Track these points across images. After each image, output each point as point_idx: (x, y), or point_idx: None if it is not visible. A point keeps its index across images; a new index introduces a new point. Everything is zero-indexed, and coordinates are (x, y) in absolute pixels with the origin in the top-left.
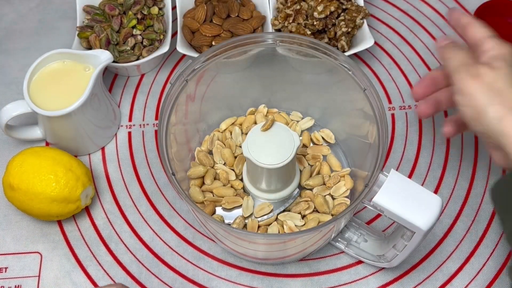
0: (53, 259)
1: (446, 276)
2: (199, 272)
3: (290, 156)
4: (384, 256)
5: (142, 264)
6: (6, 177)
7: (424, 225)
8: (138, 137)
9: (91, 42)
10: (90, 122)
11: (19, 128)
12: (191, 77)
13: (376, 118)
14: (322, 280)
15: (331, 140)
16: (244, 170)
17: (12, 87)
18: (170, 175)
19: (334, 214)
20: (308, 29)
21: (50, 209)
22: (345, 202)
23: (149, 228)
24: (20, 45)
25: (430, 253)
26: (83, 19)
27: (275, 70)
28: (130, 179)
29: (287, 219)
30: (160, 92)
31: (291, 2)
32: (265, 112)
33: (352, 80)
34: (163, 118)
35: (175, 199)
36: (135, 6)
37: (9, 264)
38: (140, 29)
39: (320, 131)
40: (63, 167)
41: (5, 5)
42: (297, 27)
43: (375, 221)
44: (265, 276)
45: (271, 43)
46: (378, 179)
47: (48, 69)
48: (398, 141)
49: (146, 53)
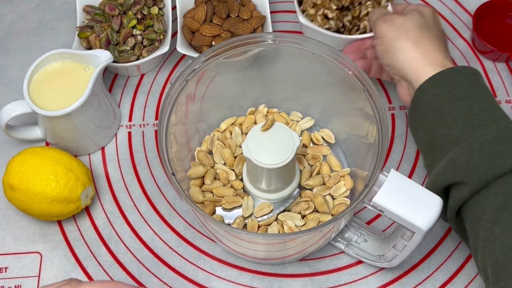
0: (53, 259)
1: (446, 276)
2: (199, 272)
3: (290, 156)
4: (384, 256)
5: (142, 264)
6: (6, 177)
7: (424, 225)
8: (138, 137)
9: (91, 42)
10: (90, 122)
11: (19, 128)
12: (191, 77)
13: (376, 118)
14: (322, 280)
15: (331, 140)
16: (244, 170)
17: (12, 87)
18: (170, 175)
19: (334, 214)
20: (333, 3)
21: (50, 209)
22: (345, 202)
23: (149, 228)
24: (20, 45)
25: (430, 253)
26: (83, 19)
27: (275, 70)
28: (130, 179)
29: (287, 219)
30: (160, 92)
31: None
32: (265, 112)
33: (352, 80)
34: (163, 118)
35: (175, 199)
36: (135, 6)
37: (9, 264)
38: (140, 29)
39: (320, 131)
40: (63, 167)
41: (5, 5)
42: (323, 0)
43: (375, 221)
44: (265, 276)
45: (271, 43)
46: (378, 179)
47: (48, 69)
48: (398, 141)
49: (146, 53)
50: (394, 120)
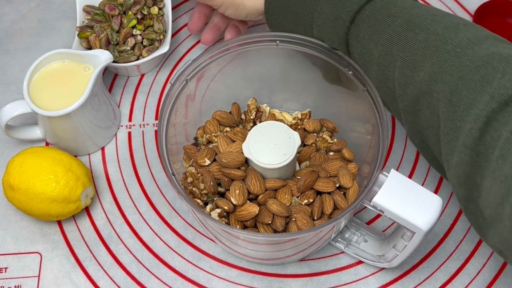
0: (53, 259)
1: (446, 276)
2: (199, 272)
3: (290, 156)
4: (384, 256)
5: (142, 264)
6: (6, 177)
7: (425, 225)
8: (138, 137)
9: (91, 42)
10: (90, 122)
11: (19, 128)
12: (191, 77)
13: (376, 118)
14: (322, 280)
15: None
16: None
17: (12, 87)
18: (170, 175)
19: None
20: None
21: (50, 209)
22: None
23: (149, 228)
24: (20, 45)
25: (430, 253)
26: (83, 19)
27: (275, 70)
28: (130, 179)
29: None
30: (160, 92)
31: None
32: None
33: (352, 80)
34: (163, 118)
35: (175, 199)
36: (135, 6)
37: (9, 264)
38: (140, 29)
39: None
40: (63, 167)
41: (5, 5)
42: None
43: (375, 221)
44: (265, 276)
45: (271, 43)
46: (378, 179)
47: (48, 69)
48: (398, 141)
49: (146, 53)
50: (394, 120)
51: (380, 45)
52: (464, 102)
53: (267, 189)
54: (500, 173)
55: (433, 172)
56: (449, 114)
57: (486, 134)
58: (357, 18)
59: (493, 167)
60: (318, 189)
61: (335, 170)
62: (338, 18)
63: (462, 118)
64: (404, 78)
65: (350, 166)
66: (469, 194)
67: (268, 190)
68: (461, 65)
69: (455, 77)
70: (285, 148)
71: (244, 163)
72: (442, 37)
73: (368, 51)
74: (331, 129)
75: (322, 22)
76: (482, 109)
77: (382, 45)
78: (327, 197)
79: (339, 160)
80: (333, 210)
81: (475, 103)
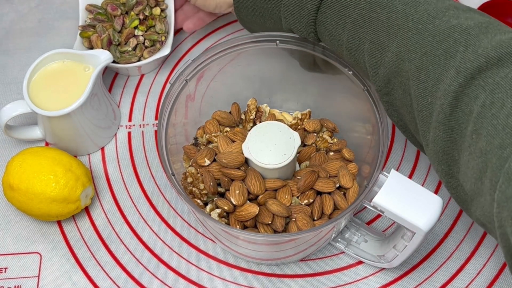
0: (53, 260)
1: (446, 277)
2: (199, 273)
3: (290, 156)
4: (384, 256)
5: (142, 265)
6: (6, 177)
7: (425, 226)
8: (138, 137)
9: (92, 42)
10: (90, 122)
11: (19, 128)
12: (191, 77)
13: (376, 118)
14: (322, 281)
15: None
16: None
17: (12, 87)
18: (170, 175)
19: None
20: None
21: (50, 209)
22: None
23: (149, 229)
24: (20, 45)
25: (430, 253)
26: (85, 18)
27: (275, 70)
28: (130, 179)
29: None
30: (160, 92)
31: None
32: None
33: (352, 80)
34: (163, 118)
35: (175, 199)
36: (137, 6)
37: (8, 264)
38: (142, 29)
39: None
40: (62, 167)
41: (5, 5)
42: None
43: (375, 221)
44: (265, 276)
45: (271, 43)
46: (378, 179)
47: (48, 69)
48: (398, 141)
49: (148, 54)
50: None
51: (347, 30)
52: (431, 78)
53: (267, 189)
54: (476, 148)
55: (433, 172)
56: (420, 91)
57: (457, 109)
58: (322, 5)
59: (468, 142)
60: (318, 189)
61: (335, 170)
62: (304, 8)
63: (432, 94)
64: (374, 59)
65: (350, 166)
66: (448, 169)
67: (268, 190)
68: (423, 41)
69: (419, 53)
70: (285, 148)
71: (244, 163)
72: (402, 14)
73: (337, 37)
74: (331, 129)
75: (289, 13)
76: (450, 84)
77: (349, 30)
78: (327, 197)
79: (339, 160)
80: (333, 210)
81: (442, 78)
